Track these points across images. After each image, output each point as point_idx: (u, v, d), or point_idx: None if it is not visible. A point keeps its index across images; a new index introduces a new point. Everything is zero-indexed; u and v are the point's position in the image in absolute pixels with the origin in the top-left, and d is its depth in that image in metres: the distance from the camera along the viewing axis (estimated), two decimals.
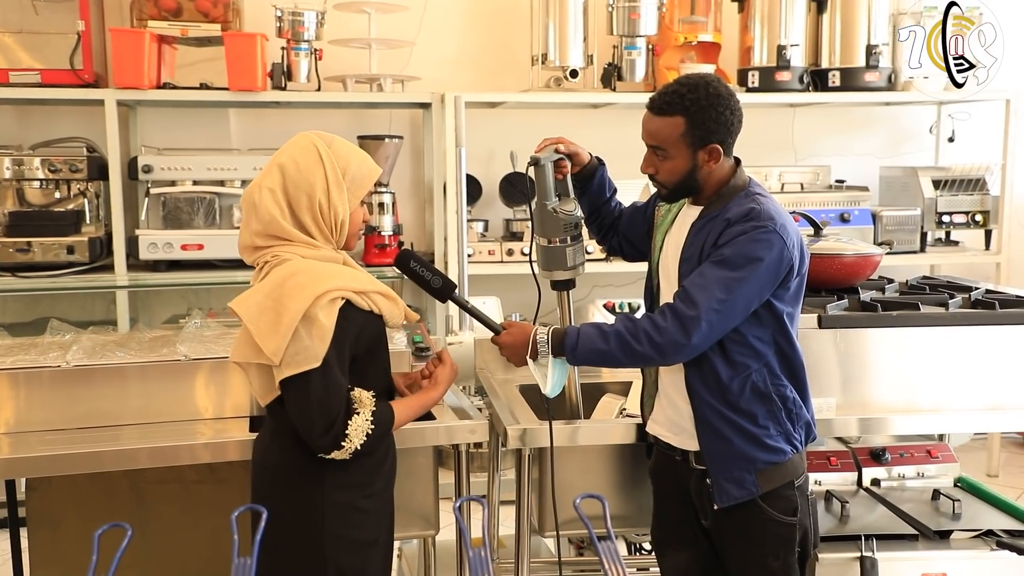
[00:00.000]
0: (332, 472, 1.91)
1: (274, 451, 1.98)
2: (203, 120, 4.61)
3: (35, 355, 2.39)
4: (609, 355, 2.00)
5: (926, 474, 2.88)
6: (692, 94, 2.01)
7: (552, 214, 2.21)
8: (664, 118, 2.04)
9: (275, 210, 1.90)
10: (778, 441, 2.07)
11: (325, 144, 1.94)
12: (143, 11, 4.12)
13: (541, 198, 2.23)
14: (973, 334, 2.57)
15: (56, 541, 2.50)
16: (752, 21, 4.61)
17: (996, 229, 4.67)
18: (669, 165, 2.07)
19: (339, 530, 1.92)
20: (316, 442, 1.87)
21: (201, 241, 4.09)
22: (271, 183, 1.91)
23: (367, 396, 1.93)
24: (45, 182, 4.11)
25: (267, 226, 1.91)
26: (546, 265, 2.27)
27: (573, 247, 2.24)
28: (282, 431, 1.95)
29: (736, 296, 1.95)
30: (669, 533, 2.28)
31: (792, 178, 4.72)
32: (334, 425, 1.85)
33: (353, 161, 1.96)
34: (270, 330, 1.83)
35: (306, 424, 1.86)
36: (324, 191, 1.91)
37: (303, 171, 1.91)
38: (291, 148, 1.95)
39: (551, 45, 4.39)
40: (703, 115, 2.01)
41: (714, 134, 2.03)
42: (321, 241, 1.94)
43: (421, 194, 4.78)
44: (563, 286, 2.29)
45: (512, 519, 2.50)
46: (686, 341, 1.95)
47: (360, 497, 1.95)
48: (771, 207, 2.03)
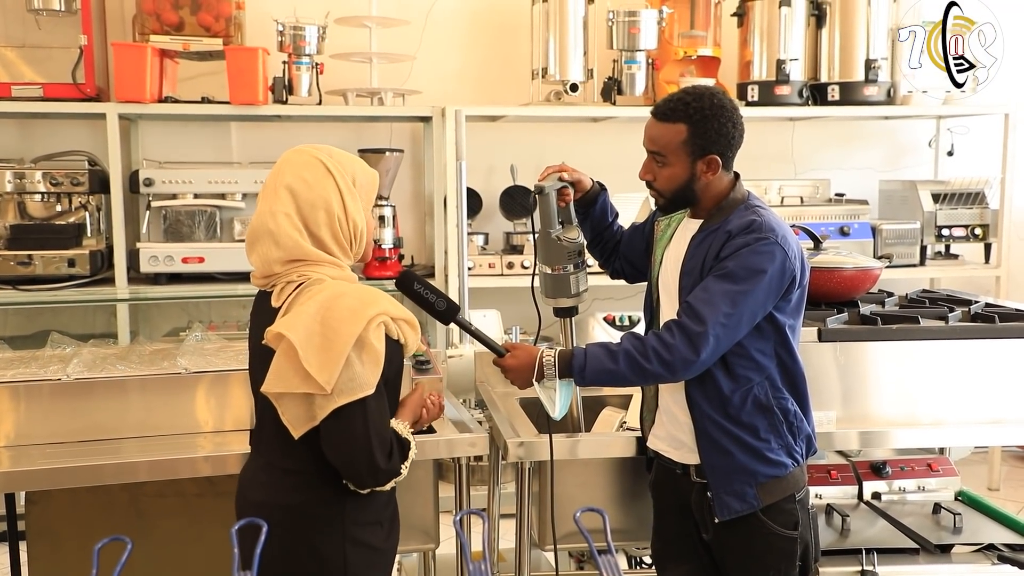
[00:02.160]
0: (352, 510, 1.83)
1: (285, 490, 1.85)
2: (204, 134, 4.62)
3: (35, 368, 2.39)
4: (618, 374, 2.00)
5: (927, 488, 2.88)
6: (696, 103, 2.03)
7: (556, 242, 2.22)
8: (667, 124, 2.05)
9: (295, 234, 1.80)
10: (779, 454, 2.07)
11: (326, 155, 1.86)
12: (145, 25, 4.14)
13: (545, 226, 2.24)
14: (973, 348, 2.57)
15: (56, 555, 2.49)
16: (751, 35, 4.63)
17: (995, 242, 4.67)
18: (668, 172, 2.08)
19: (360, 571, 1.85)
20: (372, 473, 1.76)
21: (202, 254, 4.09)
22: (284, 207, 1.80)
23: (403, 426, 1.88)
24: (46, 195, 4.11)
25: (290, 252, 1.81)
26: (550, 293, 2.27)
27: (577, 274, 2.24)
28: (299, 468, 1.83)
29: (741, 309, 1.96)
30: (669, 547, 2.27)
31: (792, 191, 4.73)
32: (392, 455, 1.78)
33: (358, 168, 1.89)
34: (321, 356, 1.70)
35: (360, 455, 1.74)
36: (340, 203, 1.82)
37: (314, 187, 1.81)
38: (293, 167, 1.84)
39: (551, 59, 4.41)
40: (705, 125, 2.02)
41: (715, 144, 2.04)
42: (342, 259, 1.87)
43: (421, 207, 4.79)
44: (566, 313, 2.29)
45: (512, 533, 2.50)
46: (695, 357, 1.95)
47: (376, 535, 1.89)
48: (772, 219, 2.04)
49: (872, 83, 4.52)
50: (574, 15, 4.39)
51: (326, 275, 1.82)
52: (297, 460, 1.83)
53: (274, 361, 1.76)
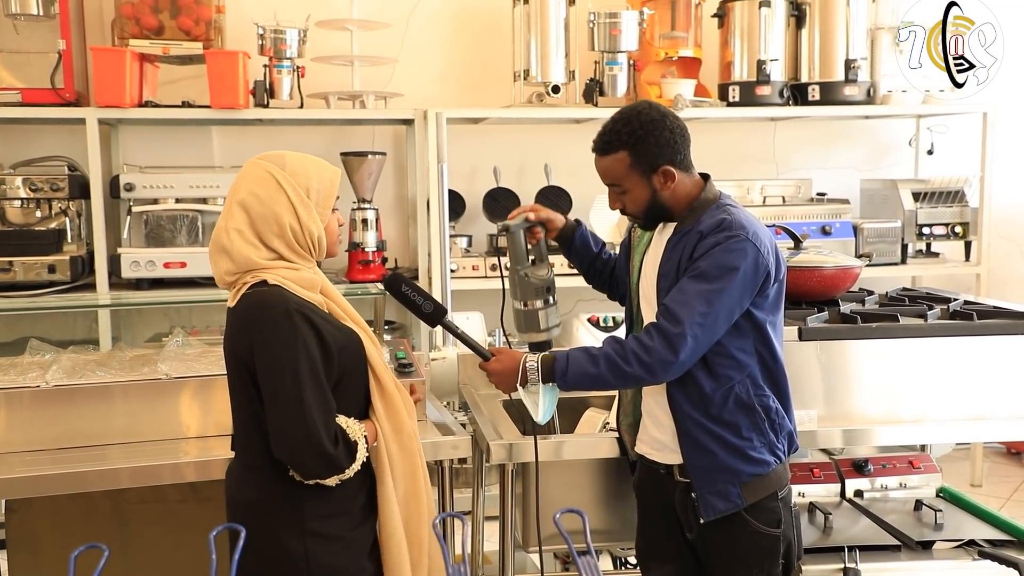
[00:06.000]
0: (311, 504, 1.86)
1: (248, 486, 1.91)
2: (185, 138, 4.60)
3: (14, 375, 2.37)
4: (599, 378, 2.01)
5: (909, 485, 2.90)
6: (627, 127, 2.07)
7: (524, 279, 2.28)
8: (609, 156, 2.10)
9: (249, 249, 1.86)
10: (762, 452, 2.08)
11: (279, 167, 1.89)
12: (124, 30, 4.12)
13: (513, 263, 2.31)
14: (952, 345, 2.59)
15: (36, 563, 2.48)
16: (732, 36, 4.64)
17: (976, 240, 4.71)
18: (630, 198, 2.12)
19: (325, 561, 1.86)
20: (315, 457, 1.81)
21: (184, 259, 4.07)
22: (237, 224, 1.87)
23: (357, 427, 1.90)
24: (26, 201, 4.08)
25: (243, 265, 1.87)
26: (522, 328, 2.34)
27: (546, 310, 2.29)
28: (258, 464, 1.88)
29: (717, 308, 1.97)
30: (653, 547, 2.28)
31: (774, 191, 4.75)
32: (338, 444, 1.82)
33: (312, 176, 1.92)
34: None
35: (302, 437, 1.80)
36: (292, 216, 1.87)
37: (266, 203, 1.87)
38: (247, 181, 1.90)
39: (533, 61, 4.41)
40: (643, 143, 2.06)
41: (660, 156, 2.07)
42: (300, 261, 1.91)
43: (405, 210, 4.78)
44: (538, 348, 2.36)
45: (498, 535, 2.50)
46: (674, 358, 1.96)
47: (343, 525, 1.90)
48: (742, 217, 2.06)
49: (852, 83, 4.55)
50: (555, 17, 4.40)
51: (279, 275, 1.87)
52: (256, 456, 1.88)
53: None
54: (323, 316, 1.89)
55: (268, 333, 1.81)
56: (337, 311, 1.97)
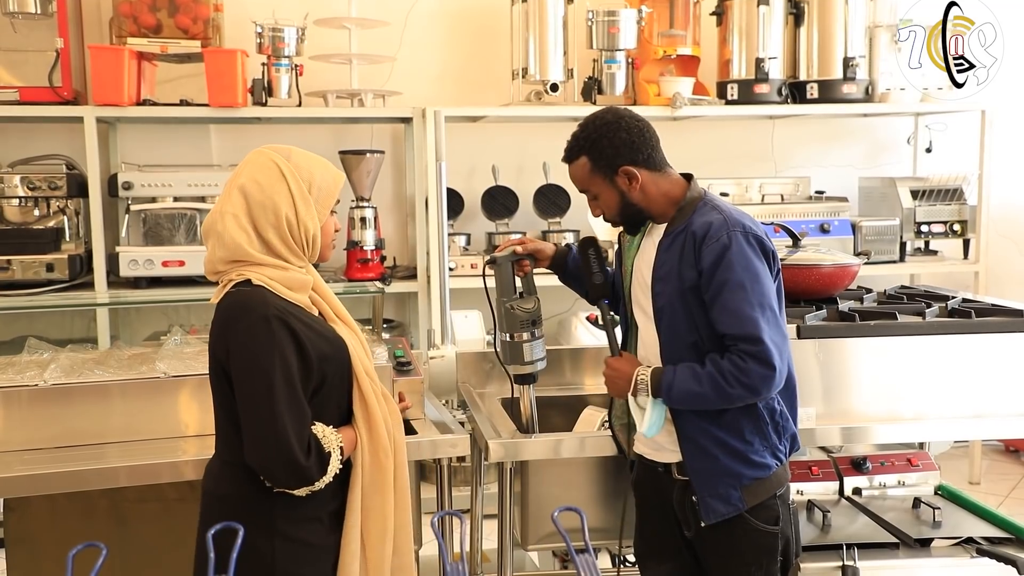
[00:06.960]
0: (283, 506, 1.83)
1: (223, 480, 1.88)
2: (183, 136, 4.60)
3: (12, 374, 2.36)
4: (702, 396, 2.01)
5: (907, 482, 2.90)
6: (584, 132, 2.12)
7: (510, 311, 2.30)
8: (574, 164, 2.15)
9: (241, 236, 1.82)
10: (763, 456, 2.08)
11: (284, 158, 1.86)
12: (122, 28, 4.11)
13: (500, 295, 2.33)
14: (950, 343, 2.59)
15: (35, 562, 2.48)
16: (731, 34, 4.64)
17: (974, 238, 4.71)
18: (602, 202, 2.15)
19: (290, 567, 1.83)
20: (286, 469, 1.78)
21: (182, 258, 4.07)
22: (233, 208, 1.83)
23: (333, 436, 1.86)
24: (24, 200, 4.08)
25: (232, 253, 1.83)
26: (507, 359, 2.37)
27: (531, 343, 2.32)
28: (234, 460, 1.85)
29: (764, 302, 1.99)
30: (651, 545, 2.28)
31: (772, 189, 4.75)
32: (310, 454, 1.79)
33: (316, 172, 1.89)
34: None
35: (272, 446, 1.78)
36: (291, 208, 1.84)
37: (266, 190, 1.83)
38: (249, 168, 1.86)
39: (531, 59, 4.41)
40: (598, 146, 2.09)
41: (618, 158, 2.08)
42: (292, 259, 1.88)
43: (403, 208, 4.78)
44: (524, 380, 2.37)
45: (496, 533, 2.50)
46: (771, 371, 1.97)
47: (314, 531, 1.86)
48: (733, 213, 2.07)
49: (850, 81, 4.55)
50: (553, 15, 4.39)
51: (265, 275, 1.83)
52: (233, 453, 1.85)
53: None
54: (306, 322, 1.85)
55: (244, 337, 1.78)
56: (328, 312, 1.95)
